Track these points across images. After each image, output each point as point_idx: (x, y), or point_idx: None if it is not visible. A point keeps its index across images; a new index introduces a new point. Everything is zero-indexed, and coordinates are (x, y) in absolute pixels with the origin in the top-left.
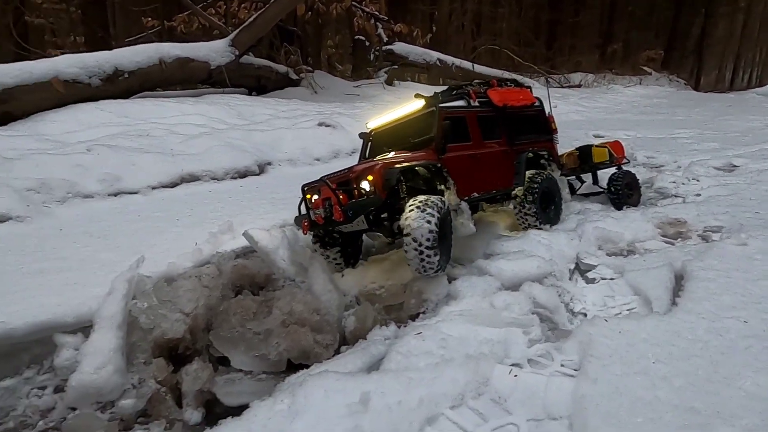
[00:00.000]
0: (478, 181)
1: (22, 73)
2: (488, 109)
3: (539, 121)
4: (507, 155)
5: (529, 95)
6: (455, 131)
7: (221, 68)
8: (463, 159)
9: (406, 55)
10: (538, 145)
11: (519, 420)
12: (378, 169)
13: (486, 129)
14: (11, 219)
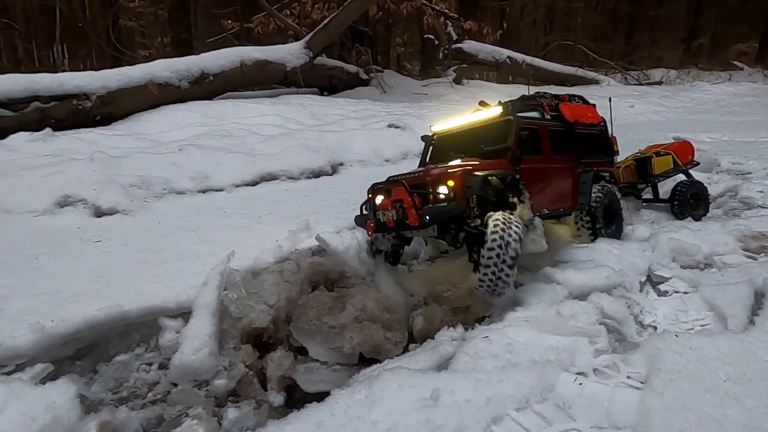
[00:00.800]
0: (548, 197)
1: (123, 77)
2: (559, 123)
3: (602, 142)
4: (574, 173)
5: (596, 114)
6: (530, 143)
7: (296, 69)
8: (536, 172)
9: (476, 54)
10: (601, 166)
11: (582, 426)
12: (460, 174)
13: (556, 144)
14: (118, 212)
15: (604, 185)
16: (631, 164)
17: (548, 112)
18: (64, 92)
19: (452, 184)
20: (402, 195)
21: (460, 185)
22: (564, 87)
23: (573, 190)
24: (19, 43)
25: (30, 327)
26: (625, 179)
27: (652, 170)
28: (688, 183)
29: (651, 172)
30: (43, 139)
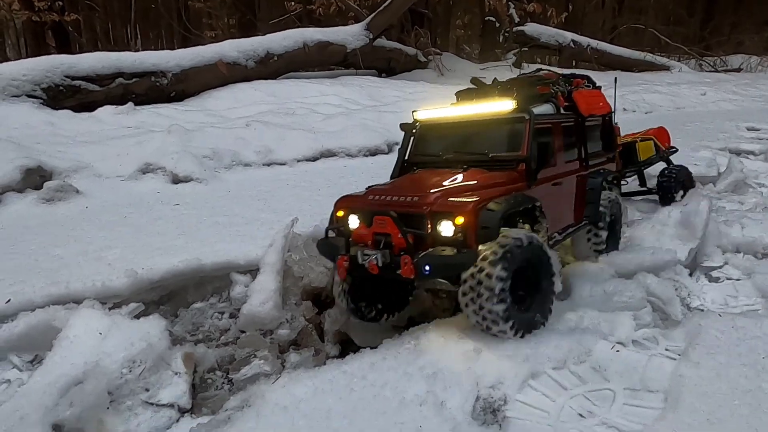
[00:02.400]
0: (560, 216)
1: (195, 56)
2: (572, 118)
3: (608, 134)
4: (581, 178)
5: (606, 101)
6: (545, 149)
7: (356, 51)
8: (548, 188)
9: (538, 37)
10: (603, 164)
11: (616, 387)
12: (471, 208)
13: (567, 145)
14: (193, 180)
15: (610, 194)
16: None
17: (563, 103)
18: (144, 70)
19: (461, 222)
20: (389, 229)
21: (474, 224)
22: (631, 73)
23: (581, 202)
24: (98, 23)
25: (125, 272)
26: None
27: (638, 156)
28: (675, 169)
29: (638, 159)
30: (126, 112)
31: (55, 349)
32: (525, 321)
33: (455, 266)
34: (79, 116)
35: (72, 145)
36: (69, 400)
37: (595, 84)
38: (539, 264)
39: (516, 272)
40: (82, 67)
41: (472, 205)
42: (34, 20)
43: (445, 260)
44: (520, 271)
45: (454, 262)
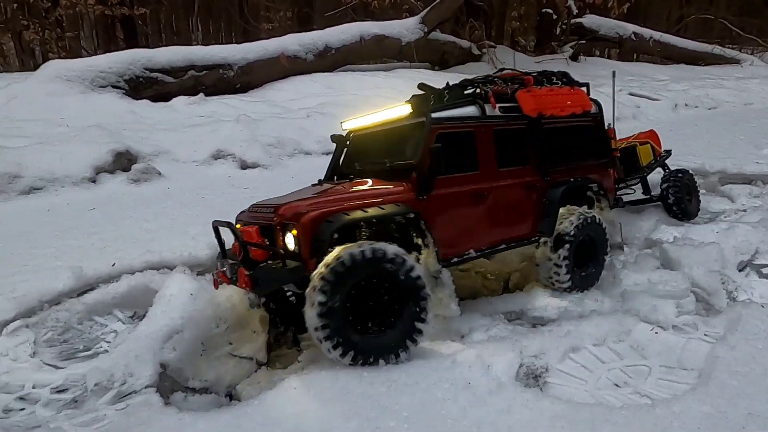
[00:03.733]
0: (479, 232)
1: (260, 50)
2: (514, 120)
3: (593, 138)
4: (533, 189)
5: (584, 99)
6: (455, 155)
7: (410, 44)
8: (460, 199)
9: (597, 29)
10: (585, 172)
11: (652, 364)
12: (306, 220)
13: (506, 150)
14: (259, 166)
15: (582, 211)
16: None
17: (495, 105)
18: (214, 63)
19: (296, 233)
20: (252, 239)
21: (306, 236)
22: (697, 66)
23: (529, 214)
24: (163, 15)
25: (207, 245)
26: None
27: (640, 161)
28: (678, 174)
29: (640, 164)
30: (198, 102)
31: (156, 305)
32: (369, 349)
33: (283, 279)
34: (156, 105)
35: (152, 132)
36: (172, 345)
37: (572, 82)
38: (395, 283)
39: (358, 290)
40: (159, 60)
41: (307, 217)
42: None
43: (275, 274)
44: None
45: (282, 276)
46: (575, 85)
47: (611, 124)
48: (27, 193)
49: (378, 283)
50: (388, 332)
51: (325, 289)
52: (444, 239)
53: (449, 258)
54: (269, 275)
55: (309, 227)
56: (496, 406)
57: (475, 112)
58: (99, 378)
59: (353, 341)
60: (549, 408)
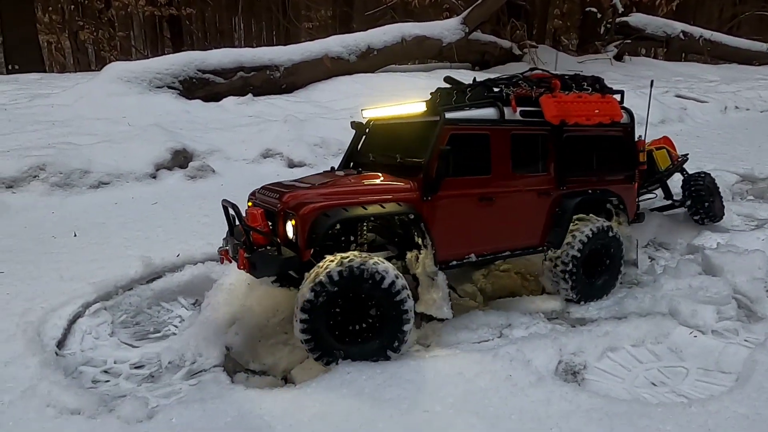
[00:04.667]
0: (483, 236)
1: (304, 51)
2: (535, 125)
3: (620, 149)
4: (546, 198)
5: (614, 108)
6: (467, 157)
7: (451, 45)
8: (467, 202)
9: (643, 27)
10: (605, 184)
11: (690, 366)
12: (307, 211)
13: (523, 155)
14: (306, 165)
15: (594, 221)
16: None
17: (516, 108)
18: (261, 64)
19: (294, 224)
20: (256, 221)
21: (306, 227)
22: (750, 66)
23: (539, 223)
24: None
25: None
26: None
27: (658, 166)
28: (700, 176)
29: (658, 169)
30: (246, 102)
31: (217, 293)
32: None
33: (279, 266)
34: (208, 105)
35: (205, 131)
36: (234, 330)
37: (605, 88)
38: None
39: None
40: (211, 62)
41: (306, 209)
42: (156, 14)
43: (269, 261)
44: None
45: (276, 265)
46: (608, 92)
47: (641, 136)
48: (96, 187)
49: (363, 298)
50: (368, 343)
51: (306, 308)
52: (445, 241)
53: (448, 260)
54: (265, 261)
55: (307, 219)
56: (535, 397)
57: (494, 115)
58: (172, 357)
59: (335, 351)
60: (586, 401)
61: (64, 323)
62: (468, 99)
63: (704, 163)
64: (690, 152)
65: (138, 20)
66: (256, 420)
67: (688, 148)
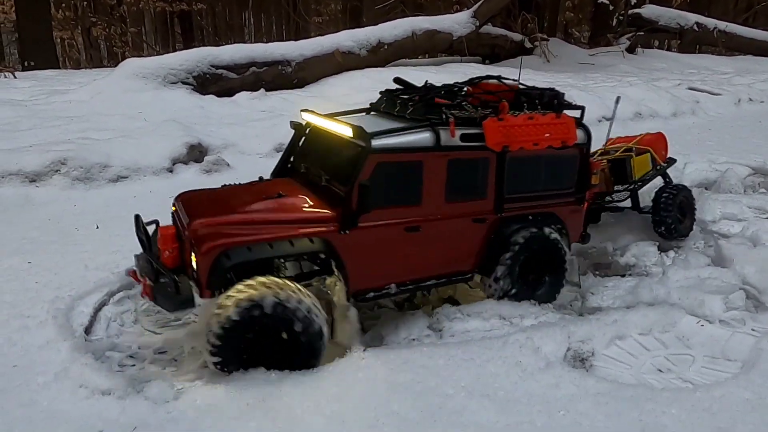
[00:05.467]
0: (405, 267)
1: (316, 46)
2: (475, 150)
3: (570, 171)
4: (482, 223)
5: (569, 130)
6: (395, 186)
7: (462, 39)
8: (390, 233)
9: (656, 19)
10: (550, 209)
11: (696, 354)
12: (207, 250)
13: (460, 181)
14: None
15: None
16: (605, 167)
17: (454, 132)
18: (273, 59)
19: (195, 260)
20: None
21: (206, 268)
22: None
23: (473, 249)
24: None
25: None
26: (599, 188)
27: (632, 174)
28: (675, 189)
29: (631, 177)
30: (259, 97)
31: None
32: None
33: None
34: (222, 100)
35: (219, 126)
36: None
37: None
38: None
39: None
40: (224, 57)
41: (207, 247)
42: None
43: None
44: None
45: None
46: (567, 108)
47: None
48: (115, 181)
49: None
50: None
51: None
52: (362, 274)
53: (365, 292)
54: (164, 297)
55: (207, 259)
56: (544, 381)
57: (429, 141)
58: (194, 342)
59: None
60: (594, 386)
61: (90, 311)
62: (408, 114)
63: (716, 155)
64: (702, 146)
65: (149, 16)
66: (276, 401)
67: (700, 142)
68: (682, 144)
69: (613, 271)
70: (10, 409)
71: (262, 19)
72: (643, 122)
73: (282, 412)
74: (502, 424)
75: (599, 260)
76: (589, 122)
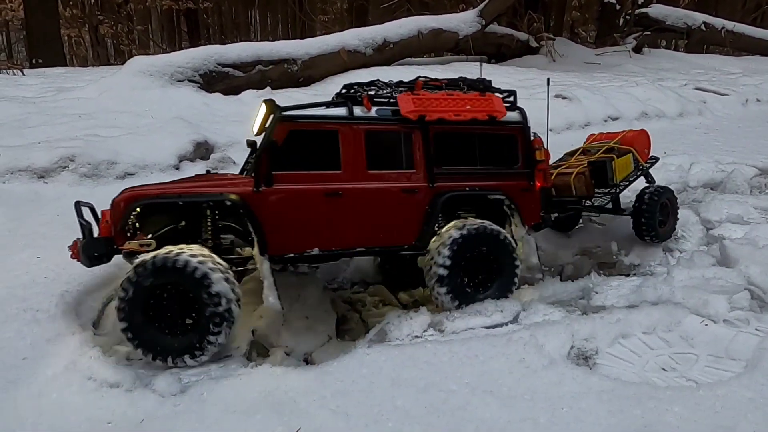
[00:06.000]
0: (330, 232)
1: (321, 45)
2: (395, 123)
3: (508, 147)
4: (413, 196)
5: (493, 105)
6: (311, 152)
7: (467, 38)
8: (309, 196)
9: (663, 19)
10: (489, 184)
11: (700, 353)
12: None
13: (383, 152)
14: None
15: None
16: (586, 170)
17: (370, 107)
18: (279, 58)
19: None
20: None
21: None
22: None
23: (410, 221)
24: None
25: None
26: (578, 191)
27: (614, 176)
28: (658, 190)
29: (613, 180)
30: (265, 96)
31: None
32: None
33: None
34: (228, 98)
35: (226, 123)
36: (259, 314)
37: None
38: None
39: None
40: (230, 56)
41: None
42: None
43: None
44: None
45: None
46: (495, 91)
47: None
48: (122, 177)
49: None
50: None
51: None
52: (281, 234)
53: (285, 253)
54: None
55: (118, 207)
56: (547, 378)
57: (342, 113)
58: None
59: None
60: (597, 383)
61: (98, 305)
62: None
63: (723, 156)
64: (709, 146)
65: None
66: (281, 395)
67: (707, 142)
68: (689, 144)
69: (617, 270)
70: (21, 400)
71: (268, 18)
72: (649, 122)
73: (287, 406)
74: (505, 420)
75: (604, 259)
76: (595, 122)
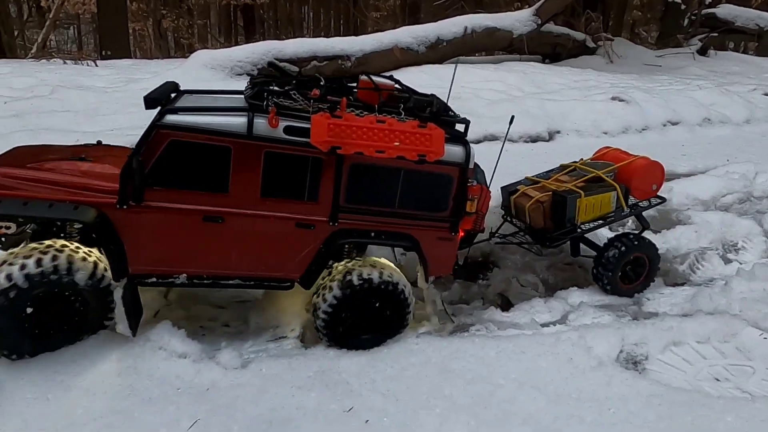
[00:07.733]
0: (203, 258)
1: (375, 42)
2: (302, 146)
3: (438, 190)
4: (308, 231)
5: (431, 142)
6: (192, 169)
7: (522, 37)
8: (182, 218)
9: (732, 20)
10: (402, 230)
11: (757, 366)
12: None
13: (281, 178)
14: None
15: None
16: (547, 201)
17: (275, 124)
18: (334, 54)
19: None
20: None
21: None
22: None
23: (296, 256)
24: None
25: None
26: (533, 222)
27: (574, 217)
28: (634, 243)
29: (573, 221)
30: None
31: None
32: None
33: None
34: None
35: None
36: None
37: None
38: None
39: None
40: (287, 51)
41: None
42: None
43: None
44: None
45: None
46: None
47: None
48: None
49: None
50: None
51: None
52: (144, 255)
53: (145, 276)
54: None
55: None
56: (596, 379)
57: (239, 127)
58: (257, 319)
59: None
60: (646, 388)
61: None
62: (249, 98)
63: None
64: None
65: (215, 9)
66: (334, 376)
67: None
68: (755, 152)
69: (671, 279)
70: (100, 363)
71: (321, 14)
72: (712, 128)
73: (340, 386)
74: (552, 416)
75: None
76: (654, 127)
